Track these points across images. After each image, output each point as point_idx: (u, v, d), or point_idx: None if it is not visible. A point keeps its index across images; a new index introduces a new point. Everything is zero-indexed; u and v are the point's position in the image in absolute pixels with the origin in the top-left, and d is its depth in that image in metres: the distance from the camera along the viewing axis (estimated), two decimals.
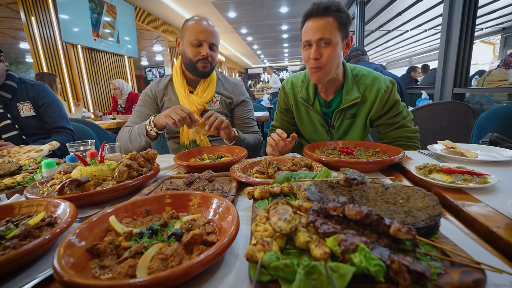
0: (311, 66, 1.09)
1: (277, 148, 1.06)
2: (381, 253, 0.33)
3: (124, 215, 0.54)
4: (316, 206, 0.44)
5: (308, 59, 1.09)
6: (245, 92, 1.52)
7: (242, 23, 8.22)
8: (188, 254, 0.42)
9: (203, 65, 1.30)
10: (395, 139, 1.22)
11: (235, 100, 1.45)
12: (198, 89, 1.38)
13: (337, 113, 1.22)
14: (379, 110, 1.17)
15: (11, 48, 8.14)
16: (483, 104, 2.94)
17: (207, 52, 1.28)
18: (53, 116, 1.66)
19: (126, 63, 6.10)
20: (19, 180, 0.87)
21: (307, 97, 1.26)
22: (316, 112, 1.26)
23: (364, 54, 2.75)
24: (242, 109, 1.48)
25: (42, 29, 4.18)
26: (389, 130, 1.22)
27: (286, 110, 1.40)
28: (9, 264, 0.40)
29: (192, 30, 1.27)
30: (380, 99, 1.15)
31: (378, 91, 1.15)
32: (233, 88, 1.48)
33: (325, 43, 1.04)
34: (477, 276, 0.32)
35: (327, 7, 1.03)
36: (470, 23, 2.55)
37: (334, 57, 1.06)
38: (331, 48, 1.05)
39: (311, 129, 1.34)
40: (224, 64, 14.95)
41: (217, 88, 1.42)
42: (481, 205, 0.55)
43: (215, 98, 1.42)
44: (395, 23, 7.77)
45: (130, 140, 1.27)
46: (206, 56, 1.28)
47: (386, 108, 1.17)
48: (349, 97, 1.16)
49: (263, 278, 0.34)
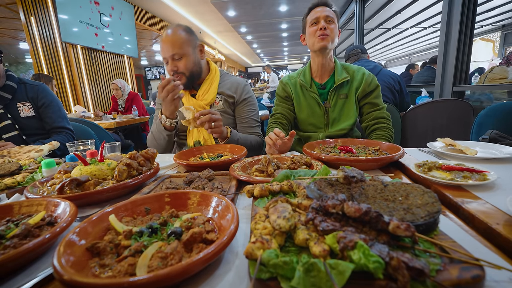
0: (319, 34, 1.29)
1: (275, 147, 1.06)
2: (380, 250, 0.33)
3: (124, 214, 0.54)
4: (315, 204, 0.44)
5: (316, 31, 1.31)
6: (249, 91, 1.49)
7: (241, 22, 8.21)
8: (188, 252, 0.42)
9: (178, 78, 1.29)
10: (377, 119, 1.37)
11: (237, 98, 1.45)
12: (200, 92, 1.39)
13: (332, 92, 1.38)
14: (365, 88, 1.36)
15: (11, 49, 8.13)
16: (483, 101, 2.93)
17: (171, 67, 1.29)
18: (52, 116, 1.66)
19: (126, 62, 6.09)
20: (19, 180, 0.87)
21: (305, 80, 1.43)
22: (313, 92, 1.41)
23: (364, 53, 2.73)
24: (243, 108, 1.47)
25: (41, 29, 4.18)
26: (372, 109, 1.39)
27: (285, 97, 1.49)
28: (9, 263, 0.41)
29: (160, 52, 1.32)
30: (365, 80, 1.36)
31: (363, 74, 1.38)
32: (237, 87, 1.46)
33: (330, 21, 1.29)
34: (475, 273, 0.32)
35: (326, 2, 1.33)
36: (469, 21, 2.54)
37: (335, 31, 1.32)
38: (334, 26, 1.31)
39: (309, 111, 1.43)
40: (224, 63, 14.93)
41: (219, 88, 1.42)
42: (480, 202, 0.55)
43: (217, 98, 1.42)
44: (394, 21, 7.75)
45: (156, 140, 1.34)
46: (174, 69, 1.29)
47: (370, 88, 1.37)
48: (340, 77, 1.36)
49: (262, 276, 0.34)
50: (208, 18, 7.72)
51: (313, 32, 1.31)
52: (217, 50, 12.63)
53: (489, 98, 2.87)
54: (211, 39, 10.54)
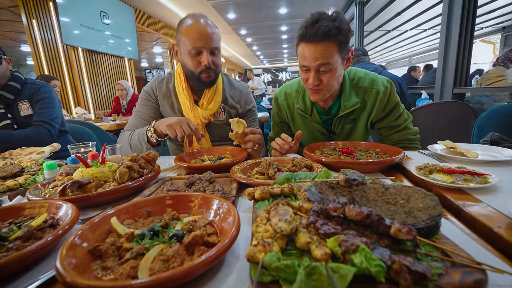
0: (310, 87, 1.07)
1: (282, 151, 1.08)
2: (381, 254, 0.33)
3: (126, 217, 0.54)
4: (316, 207, 0.44)
5: (306, 82, 1.06)
6: (251, 100, 1.43)
7: (241, 24, 8.24)
8: (189, 255, 0.42)
9: (206, 75, 1.18)
10: (397, 142, 1.21)
11: (240, 110, 1.38)
12: (203, 99, 1.27)
13: (337, 120, 1.19)
14: (379, 113, 1.16)
15: (13, 51, 8.18)
16: (484, 103, 2.93)
17: (209, 61, 1.15)
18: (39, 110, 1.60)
19: (126, 64, 6.12)
20: (21, 182, 0.88)
21: (304, 108, 1.22)
22: (315, 121, 1.23)
23: (365, 55, 2.74)
24: (248, 118, 1.41)
25: (43, 32, 4.20)
26: (391, 132, 1.21)
27: (281, 123, 1.38)
28: (12, 265, 0.41)
29: (188, 37, 1.12)
30: (379, 101, 1.13)
31: (377, 93, 1.12)
32: (239, 96, 1.38)
33: (324, 69, 1.00)
34: (478, 277, 0.32)
35: (326, 32, 0.93)
36: (469, 23, 2.55)
37: (334, 79, 1.04)
38: (331, 73, 1.01)
39: (310, 138, 1.31)
40: (224, 65, 14.97)
41: (223, 95, 1.32)
42: (482, 205, 0.55)
43: (220, 108, 1.32)
44: (394, 23, 7.77)
45: (131, 146, 1.19)
46: (209, 65, 1.15)
47: (387, 110, 1.16)
48: (348, 104, 1.13)
49: (264, 279, 0.34)
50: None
51: (305, 80, 1.08)
52: None
53: (489, 100, 2.88)
54: None
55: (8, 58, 1.60)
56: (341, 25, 0.95)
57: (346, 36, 0.98)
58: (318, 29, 0.94)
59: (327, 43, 0.96)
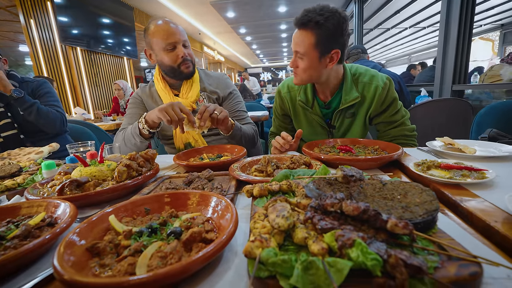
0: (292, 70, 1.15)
1: (282, 150, 1.09)
2: (378, 248, 0.33)
3: (124, 215, 0.54)
4: (314, 203, 0.44)
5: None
6: (230, 84, 1.47)
7: (240, 23, 8.23)
8: (187, 252, 0.42)
9: (185, 66, 1.28)
10: (394, 138, 1.22)
11: (221, 94, 1.42)
12: (182, 90, 1.35)
13: (337, 113, 1.22)
14: (377, 107, 1.18)
15: (11, 51, 8.16)
16: (482, 100, 2.93)
17: (184, 52, 1.26)
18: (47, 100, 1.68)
19: (126, 64, 6.10)
20: (19, 181, 0.88)
21: (305, 100, 1.26)
22: (315, 114, 1.26)
23: (364, 53, 2.74)
24: (230, 102, 1.44)
25: (41, 31, 4.19)
26: (388, 128, 1.23)
27: (283, 115, 1.40)
28: (10, 263, 0.41)
29: (160, 36, 1.22)
30: (378, 96, 1.15)
31: (376, 88, 1.15)
32: (217, 82, 1.45)
33: (300, 56, 1.08)
34: (473, 269, 0.33)
35: (304, 22, 1.02)
36: (468, 20, 2.54)
37: (307, 69, 1.09)
38: (305, 62, 1.08)
39: (311, 131, 1.33)
40: (224, 64, 14.95)
41: (201, 85, 1.39)
42: (479, 200, 0.55)
43: (201, 96, 1.38)
44: (393, 21, 7.77)
45: (125, 142, 1.23)
46: (185, 56, 1.26)
47: (385, 105, 1.18)
48: (349, 97, 1.17)
49: (261, 274, 0.34)
50: (207, 19, 7.75)
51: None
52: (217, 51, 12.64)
53: (488, 97, 2.88)
54: (210, 40, 10.56)
55: (3, 59, 1.61)
56: (325, 22, 1.00)
57: (328, 34, 1.02)
58: (302, 17, 1.03)
59: (304, 32, 1.04)
